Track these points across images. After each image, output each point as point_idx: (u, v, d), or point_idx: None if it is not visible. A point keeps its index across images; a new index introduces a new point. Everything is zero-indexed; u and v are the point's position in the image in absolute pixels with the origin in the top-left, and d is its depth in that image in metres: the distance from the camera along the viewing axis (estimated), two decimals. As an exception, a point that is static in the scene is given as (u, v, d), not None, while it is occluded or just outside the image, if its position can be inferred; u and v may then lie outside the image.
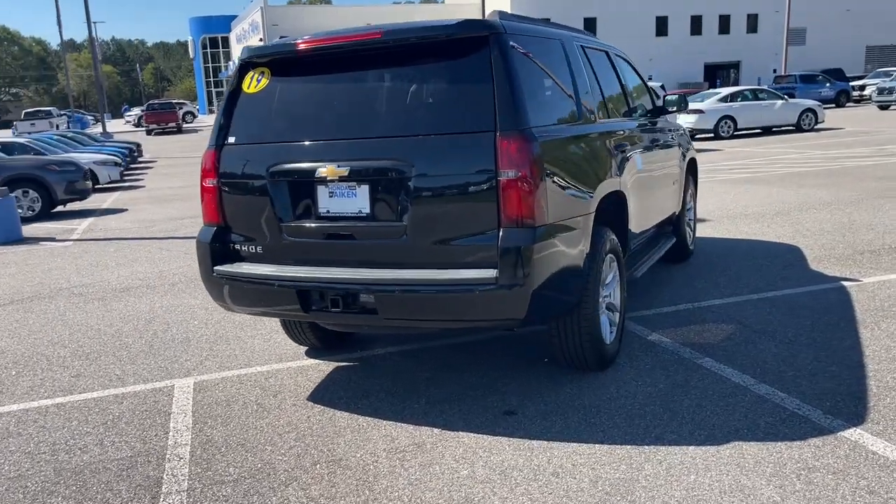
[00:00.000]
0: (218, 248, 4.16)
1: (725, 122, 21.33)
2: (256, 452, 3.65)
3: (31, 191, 12.87)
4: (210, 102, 63.51)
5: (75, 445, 3.87)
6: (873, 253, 6.82)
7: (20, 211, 12.16)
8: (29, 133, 34.70)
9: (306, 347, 5.14)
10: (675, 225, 6.60)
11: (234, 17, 55.06)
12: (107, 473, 3.53)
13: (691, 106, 21.37)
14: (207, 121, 52.23)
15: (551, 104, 4.00)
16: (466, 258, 3.59)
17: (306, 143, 3.87)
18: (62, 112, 50.56)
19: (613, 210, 4.62)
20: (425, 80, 3.75)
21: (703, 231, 8.33)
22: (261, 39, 45.28)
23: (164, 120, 43.70)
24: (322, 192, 3.84)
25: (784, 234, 7.89)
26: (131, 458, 3.67)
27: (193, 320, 6.07)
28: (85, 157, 17.06)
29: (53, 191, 12.89)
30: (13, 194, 11.42)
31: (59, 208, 13.79)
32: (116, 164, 18.04)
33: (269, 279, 3.93)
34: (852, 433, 3.45)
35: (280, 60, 4.03)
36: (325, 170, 3.77)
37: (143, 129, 46.11)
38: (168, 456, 3.67)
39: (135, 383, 4.73)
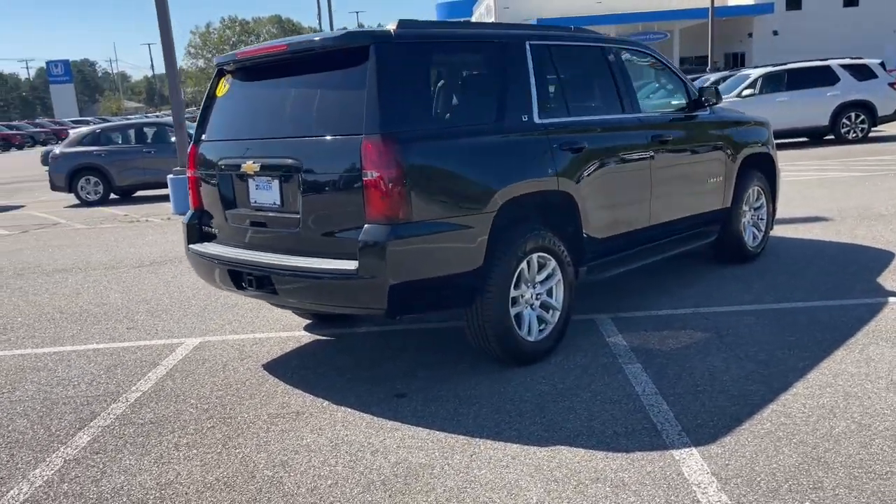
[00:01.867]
0: (194, 229, 4.88)
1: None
2: (179, 403, 4.33)
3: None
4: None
5: (70, 382, 4.81)
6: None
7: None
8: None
9: (308, 321, 5.73)
10: (723, 223, 6.25)
11: (475, 0, 56.97)
12: (69, 405, 4.41)
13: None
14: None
15: (449, 107, 4.17)
16: (342, 250, 3.94)
17: (239, 141, 4.45)
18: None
19: (555, 210, 4.65)
20: (319, 86, 4.15)
21: (808, 232, 7.67)
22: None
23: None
24: (251, 184, 4.39)
25: None
26: (96, 397, 4.52)
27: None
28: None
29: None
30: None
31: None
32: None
33: (214, 258, 4.57)
34: (682, 453, 3.34)
35: (230, 68, 4.63)
36: (245, 165, 4.33)
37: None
38: (120, 399, 4.46)
39: (160, 338, 5.64)
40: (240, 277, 4.45)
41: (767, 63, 20.62)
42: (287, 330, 5.59)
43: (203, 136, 4.79)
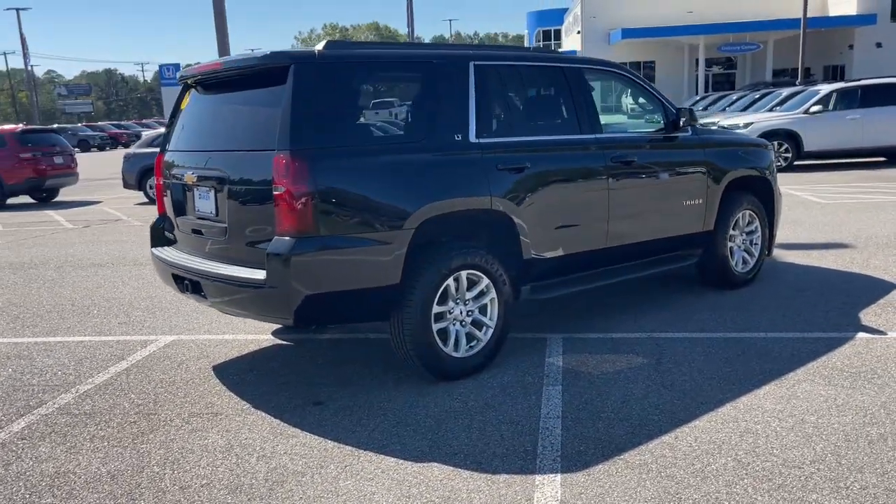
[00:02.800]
0: (158, 233, 5.17)
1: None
2: (118, 397, 4.60)
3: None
4: (538, 93, 66.26)
5: (40, 371, 5.17)
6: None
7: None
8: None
9: (277, 326, 5.93)
10: (706, 247, 6.11)
11: (565, 10, 56.59)
12: (26, 392, 4.75)
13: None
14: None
15: (371, 125, 4.27)
16: (258, 260, 4.12)
17: (187, 152, 4.70)
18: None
19: (493, 229, 4.69)
20: (247, 102, 4.36)
21: (820, 259, 7.38)
22: (578, 32, 46.10)
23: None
24: (196, 194, 4.63)
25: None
26: (53, 386, 4.85)
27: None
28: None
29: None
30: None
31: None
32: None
33: (165, 262, 4.84)
34: (544, 479, 3.34)
35: (190, 83, 4.89)
36: (186, 176, 4.57)
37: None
38: (72, 390, 4.77)
39: (136, 334, 5.97)
40: (181, 281, 4.69)
41: (870, 77, 19.65)
42: (256, 333, 5.81)
43: (167, 146, 5.07)
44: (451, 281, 4.44)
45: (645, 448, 3.58)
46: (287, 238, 3.94)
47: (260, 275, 4.02)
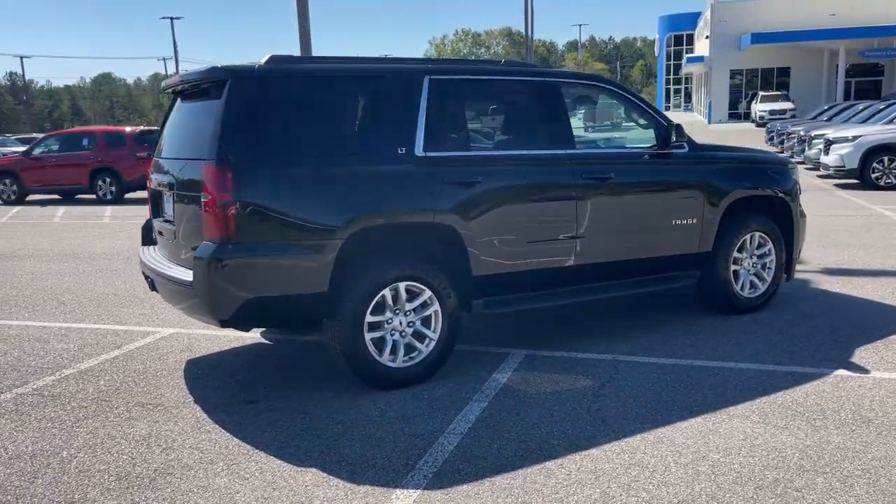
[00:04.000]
0: (146, 234, 5.55)
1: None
2: (88, 383, 4.97)
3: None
4: (667, 99, 64.20)
5: (43, 353, 5.67)
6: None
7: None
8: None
9: (269, 324, 6.20)
10: (704, 269, 5.85)
11: (699, 14, 54.60)
12: (18, 372, 5.22)
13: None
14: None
15: (308, 138, 4.38)
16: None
17: (160, 158, 5.03)
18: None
19: (439, 242, 4.71)
20: (195, 113, 4.60)
21: (859, 287, 6.86)
22: (707, 37, 44.34)
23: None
24: (165, 198, 4.94)
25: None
26: (42, 368, 5.31)
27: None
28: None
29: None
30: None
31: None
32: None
33: (140, 260, 5.19)
34: (403, 494, 3.37)
35: (171, 93, 5.22)
36: (155, 181, 4.90)
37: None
38: (56, 373, 5.21)
39: (145, 325, 6.40)
40: (147, 278, 5.02)
41: None
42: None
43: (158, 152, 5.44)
44: (386, 291, 4.50)
45: (522, 472, 3.52)
46: (211, 243, 4.16)
47: (190, 277, 4.26)
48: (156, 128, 25.76)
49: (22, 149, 24.98)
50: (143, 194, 18.81)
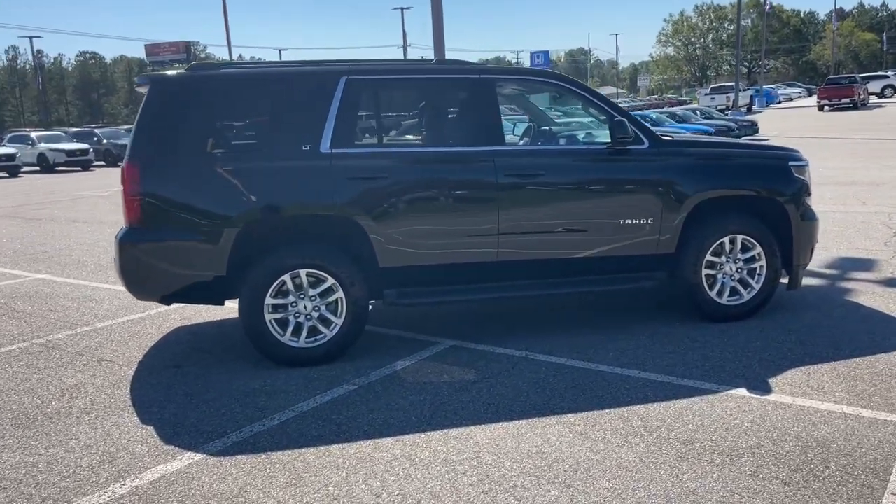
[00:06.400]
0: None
1: None
2: (84, 339, 5.91)
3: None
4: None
5: (63, 308, 6.77)
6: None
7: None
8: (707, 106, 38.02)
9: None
10: (671, 271, 5.58)
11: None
12: (28, 323, 6.32)
13: None
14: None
15: (215, 137, 4.88)
16: None
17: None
18: (748, 87, 52.85)
19: (343, 234, 5.02)
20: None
21: (883, 299, 6.08)
22: None
23: (838, 95, 41.69)
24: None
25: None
26: (55, 322, 6.39)
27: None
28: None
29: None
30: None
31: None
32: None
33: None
34: (188, 455, 3.80)
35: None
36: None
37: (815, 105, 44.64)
38: (66, 330, 6.23)
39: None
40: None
41: None
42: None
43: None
44: (286, 277, 4.91)
45: (301, 452, 3.78)
46: (125, 228, 4.85)
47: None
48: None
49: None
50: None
